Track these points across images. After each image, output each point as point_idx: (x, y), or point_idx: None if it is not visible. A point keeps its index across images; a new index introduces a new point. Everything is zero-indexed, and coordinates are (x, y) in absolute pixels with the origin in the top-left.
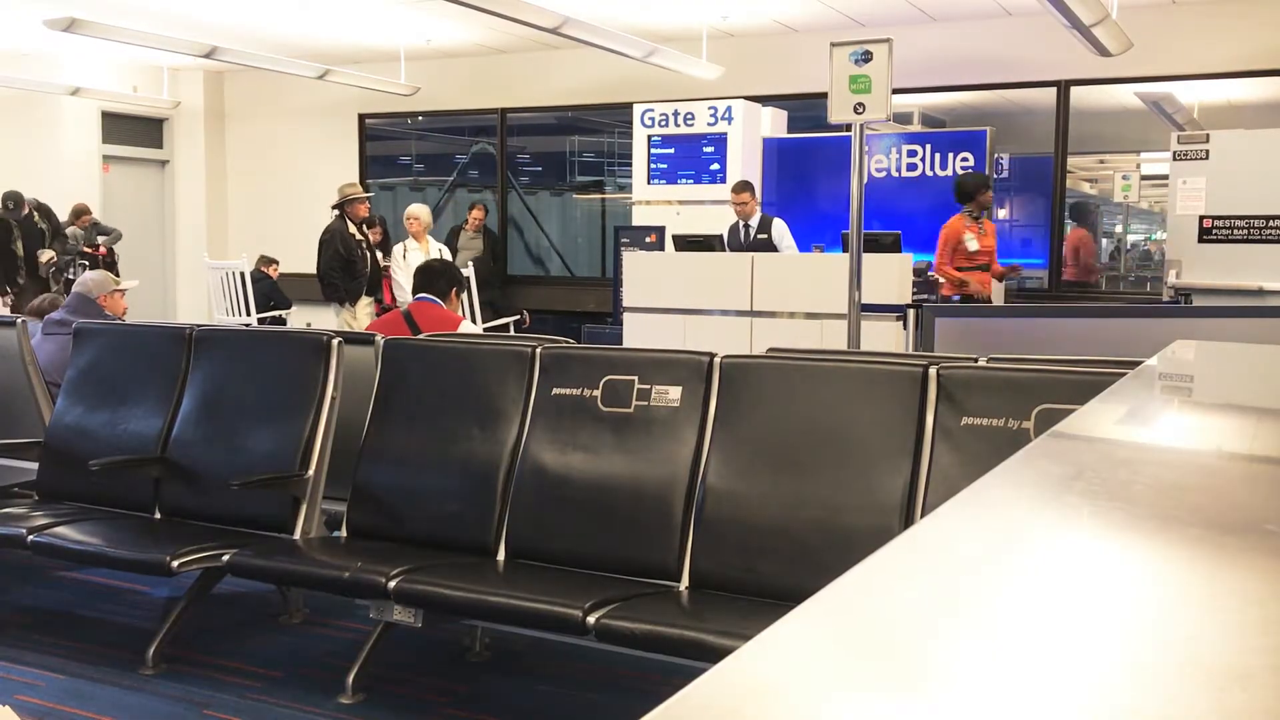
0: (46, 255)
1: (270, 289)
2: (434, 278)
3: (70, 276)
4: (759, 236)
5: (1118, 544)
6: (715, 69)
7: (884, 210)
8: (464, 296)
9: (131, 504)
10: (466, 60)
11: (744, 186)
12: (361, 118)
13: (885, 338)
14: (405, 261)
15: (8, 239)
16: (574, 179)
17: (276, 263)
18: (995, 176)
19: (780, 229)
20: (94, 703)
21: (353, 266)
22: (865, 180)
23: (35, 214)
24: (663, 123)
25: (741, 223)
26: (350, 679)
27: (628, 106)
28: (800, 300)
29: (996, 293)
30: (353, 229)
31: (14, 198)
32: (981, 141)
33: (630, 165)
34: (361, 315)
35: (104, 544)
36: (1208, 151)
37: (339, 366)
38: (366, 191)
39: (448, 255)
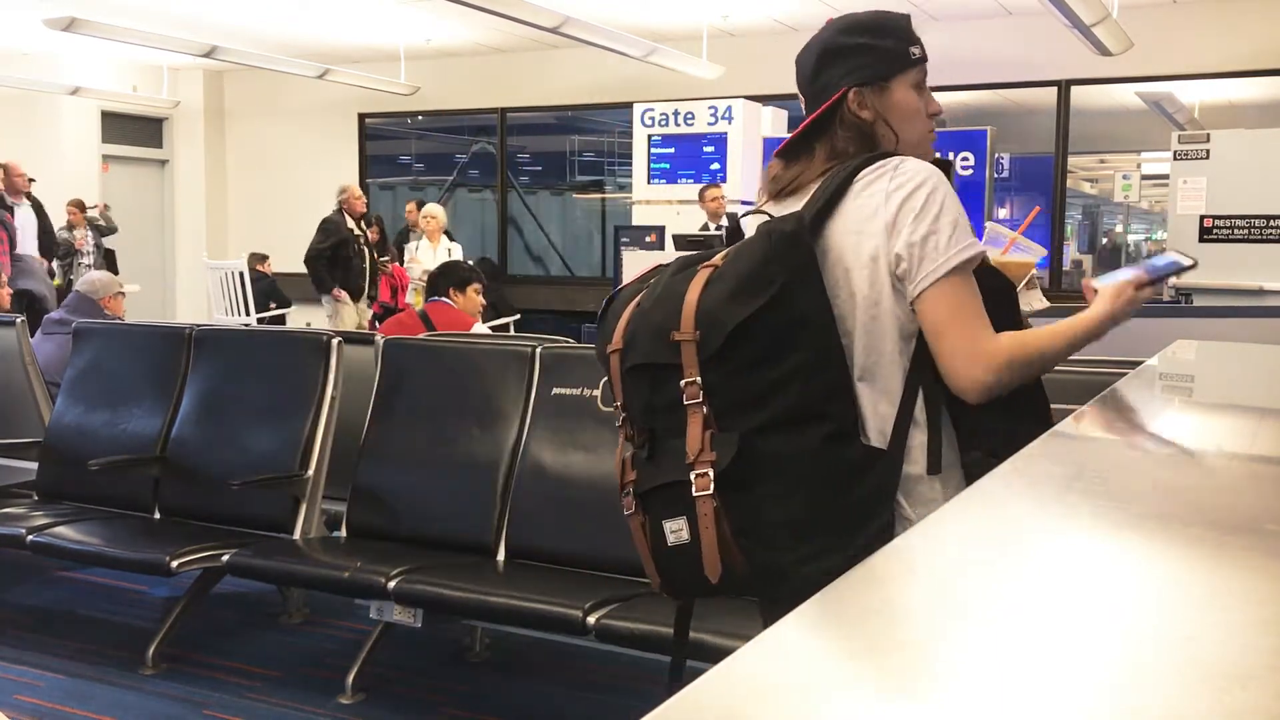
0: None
1: (269, 288)
2: (436, 280)
3: (72, 277)
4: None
5: (1118, 544)
6: (715, 69)
7: None
8: (476, 290)
9: (131, 504)
10: (466, 60)
11: (714, 185)
12: (361, 117)
13: None
14: (417, 257)
15: None
16: (574, 179)
17: (267, 257)
18: (996, 176)
19: (749, 224)
20: (94, 703)
21: (349, 262)
22: None
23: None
24: (663, 122)
25: (713, 226)
26: (350, 679)
27: (628, 106)
28: None
29: None
30: (350, 224)
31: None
32: (981, 141)
33: (630, 165)
34: (356, 310)
35: (103, 544)
36: (1208, 151)
37: (339, 366)
38: (364, 194)
39: (458, 253)
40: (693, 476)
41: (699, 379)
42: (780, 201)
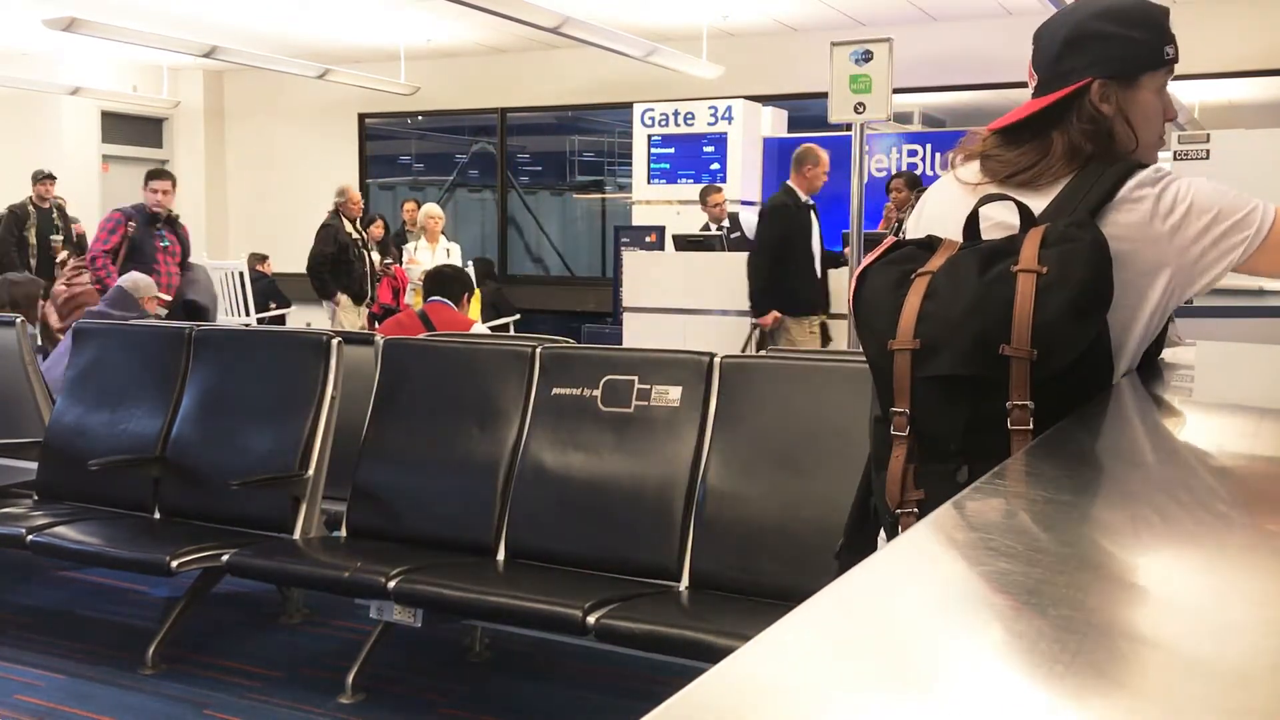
0: (63, 253)
1: (269, 288)
2: (448, 283)
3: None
4: (734, 235)
5: (1115, 543)
6: (715, 68)
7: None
8: (473, 300)
9: (131, 504)
10: (466, 60)
11: (716, 188)
12: (361, 117)
13: None
14: (416, 258)
15: (20, 227)
16: (574, 179)
17: (267, 257)
18: None
19: (749, 217)
20: (94, 703)
21: (349, 266)
22: (865, 180)
23: (55, 211)
24: (663, 122)
25: (714, 226)
26: (350, 679)
27: (628, 106)
28: None
29: None
30: (349, 227)
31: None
32: None
33: (630, 165)
34: (357, 314)
35: (104, 544)
36: (1208, 151)
37: (339, 366)
38: (364, 194)
39: (457, 253)
40: None
41: (1030, 404)
42: (1010, 188)
